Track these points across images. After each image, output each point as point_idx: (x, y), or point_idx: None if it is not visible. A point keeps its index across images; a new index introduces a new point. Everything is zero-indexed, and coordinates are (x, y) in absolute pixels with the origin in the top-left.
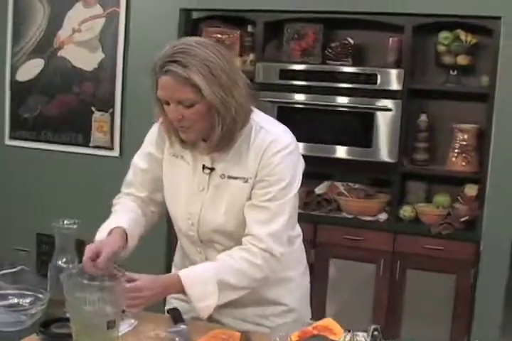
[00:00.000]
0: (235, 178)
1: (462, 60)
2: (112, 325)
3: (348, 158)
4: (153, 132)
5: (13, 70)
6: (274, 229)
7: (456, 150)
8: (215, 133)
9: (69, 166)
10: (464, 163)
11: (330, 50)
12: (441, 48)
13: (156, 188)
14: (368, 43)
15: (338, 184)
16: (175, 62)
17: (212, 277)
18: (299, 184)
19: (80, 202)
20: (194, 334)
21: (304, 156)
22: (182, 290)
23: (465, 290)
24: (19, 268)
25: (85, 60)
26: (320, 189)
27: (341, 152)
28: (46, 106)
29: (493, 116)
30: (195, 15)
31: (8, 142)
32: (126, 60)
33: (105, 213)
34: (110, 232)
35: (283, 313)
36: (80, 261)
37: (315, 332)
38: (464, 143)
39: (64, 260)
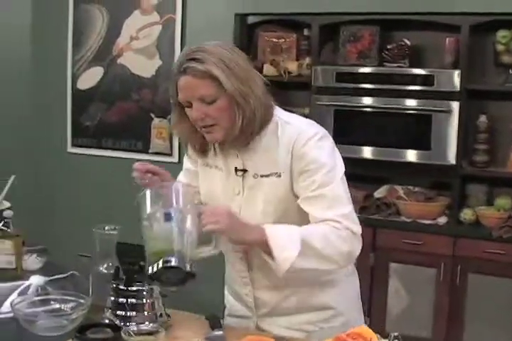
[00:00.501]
0: (268, 176)
1: None
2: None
3: (407, 161)
4: (188, 147)
5: (74, 78)
6: (341, 211)
7: None
8: (235, 126)
9: (129, 172)
10: None
11: (387, 52)
12: (499, 47)
13: (198, 200)
14: (424, 44)
15: (398, 187)
16: (192, 59)
17: (297, 233)
18: (343, 166)
19: None
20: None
21: (360, 160)
22: (262, 237)
23: None
24: (69, 273)
25: (143, 66)
26: (379, 193)
27: (400, 155)
28: (106, 113)
29: None
30: (250, 20)
31: (70, 150)
32: None
33: None
34: None
35: (331, 318)
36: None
37: (349, 339)
38: None
39: (105, 266)
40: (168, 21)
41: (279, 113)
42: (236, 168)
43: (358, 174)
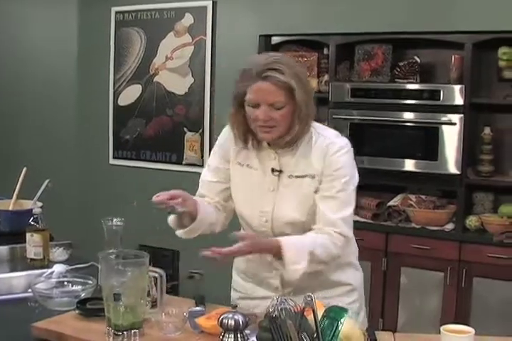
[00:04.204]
0: (303, 177)
1: None
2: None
3: (415, 171)
4: (218, 148)
5: (116, 96)
6: (344, 215)
7: None
8: (292, 131)
9: (165, 182)
10: None
11: (398, 69)
12: (501, 63)
13: (226, 196)
14: (433, 61)
15: (412, 196)
16: (273, 69)
17: (307, 246)
18: (357, 178)
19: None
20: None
21: (373, 169)
22: (277, 252)
23: None
24: (89, 263)
25: (177, 84)
26: (395, 201)
27: (409, 165)
28: (144, 127)
29: None
30: (274, 40)
31: (112, 161)
32: (214, 84)
33: None
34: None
35: (347, 293)
36: None
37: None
38: None
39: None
40: (199, 42)
41: (312, 123)
42: (273, 168)
43: (369, 183)
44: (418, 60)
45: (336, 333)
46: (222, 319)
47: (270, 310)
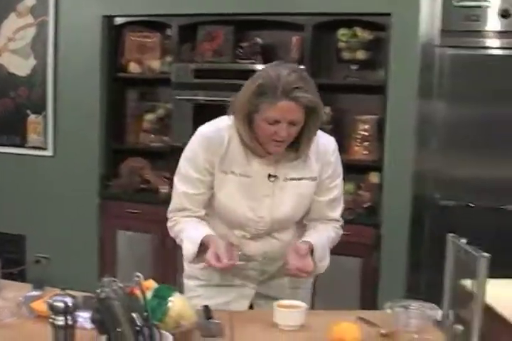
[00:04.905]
0: (299, 179)
1: (360, 55)
2: None
3: None
4: (196, 159)
5: None
6: (341, 209)
7: (358, 140)
8: (304, 144)
9: (7, 165)
10: (365, 152)
11: (240, 50)
12: (341, 45)
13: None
14: (275, 42)
15: None
16: (297, 88)
17: (326, 244)
18: None
19: (21, 198)
20: None
21: None
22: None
23: (370, 272)
24: None
25: (19, 66)
26: None
27: None
28: None
29: (387, 107)
30: (117, 21)
31: None
32: (57, 65)
33: (39, 207)
34: (205, 240)
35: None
36: None
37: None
38: (365, 133)
39: None
40: (41, 23)
41: None
42: (269, 174)
43: None
44: (260, 41)
45: (166, 311)
46: (52, 301)
47: (99, 292)
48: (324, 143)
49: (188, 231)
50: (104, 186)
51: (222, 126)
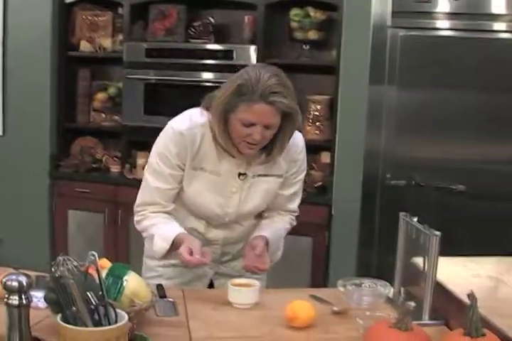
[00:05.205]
0: (267, 175)
1: (313, 35)
2: None
3: None
4: (168, 155)
5: None
6: (299, 200)
7: (310, 120)
8: (277, 149)
9: None
10: (317, 132)
11: (193, 29)
12: (293, 24)
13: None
14: (227, 22)
15: None
16: (277, 93)
17: (281, 235)
18: None
19: None
20: None
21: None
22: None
23: (321, 251)
24: None
25: None
26: None
27: None
28: None
29: (339, 87)
30: None
31: None
32: (6, 45)
33: None
34: (178, 238)
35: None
36: None
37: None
38: (317, 113)
39: None
40: None
41: None
42: (240, 173)
43: None
44: (212, 20)
45: (121, 290)
46: (6, 281)
47: (53, 270)
48: (293, 141)
49: (160, 227)
50: (55, 166)
51: (195, 122)
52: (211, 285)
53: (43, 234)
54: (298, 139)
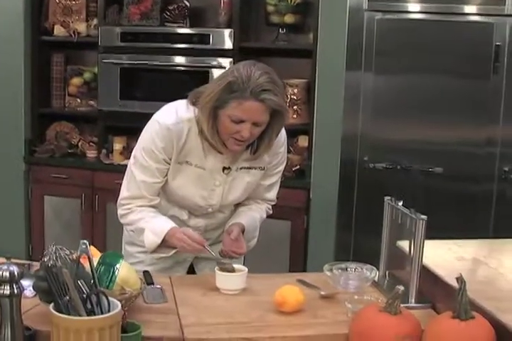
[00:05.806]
0: (249, 168)
1: (289, 18)
2: None
3: None
4: (154, 149)
5: None
6: (277, 190)
7: (288, 104)
8: (264, 146)
9: None
10: (295, 116)
11: (168, 13)
12: (270, 8)
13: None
14: (203, 5)
15: None
16: (267, 90)
17: (257, 223)
18: None
19: None
20: None
21: (145, 114)
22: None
23: (299, 234)
24: None
25: None
26: None
27: None
28: None
29: (316, 71)
30: None
31: None
32: None
33: None
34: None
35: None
36: None
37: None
38: (294, 97)
39: None
40: None
41: None
42: (224, 167)
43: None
44: (187, 3)
45: (113, 278)
46: None
47: (45, 259)
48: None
49: (148, 220)
50: (30, 151)
51: (181, 116)
52: (192, 270)
53: (19, 221)
54: (281, 133)
